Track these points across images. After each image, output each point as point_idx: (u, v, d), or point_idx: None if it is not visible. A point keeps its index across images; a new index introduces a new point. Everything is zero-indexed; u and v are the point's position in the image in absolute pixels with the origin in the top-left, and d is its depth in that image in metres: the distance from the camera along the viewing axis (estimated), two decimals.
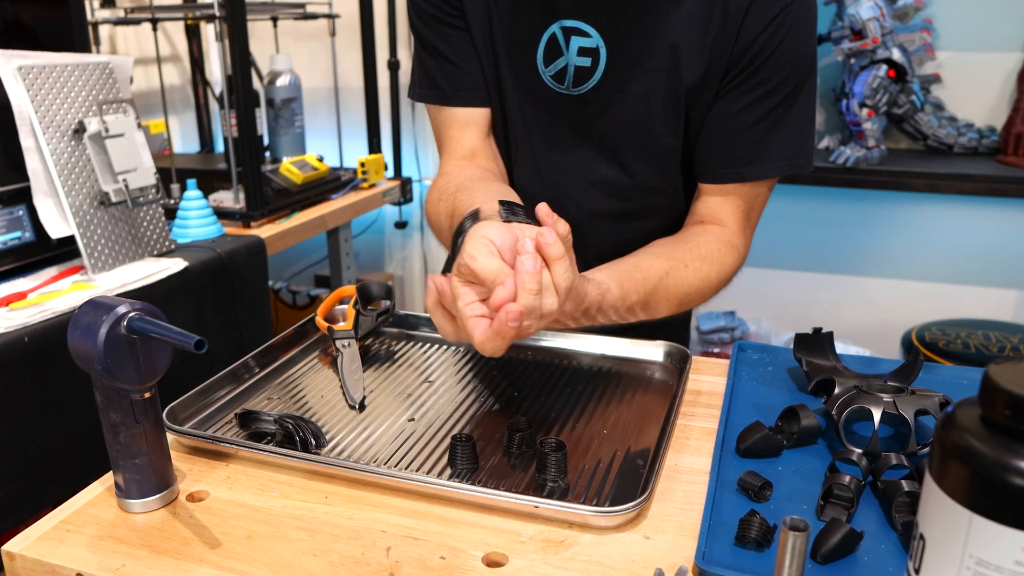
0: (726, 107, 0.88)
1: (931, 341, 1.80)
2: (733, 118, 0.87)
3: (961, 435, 0.41)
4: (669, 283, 0.82)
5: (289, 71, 1.91)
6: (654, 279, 0.80)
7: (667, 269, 0.82)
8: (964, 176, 1.75)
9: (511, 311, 0.59)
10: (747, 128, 0.87)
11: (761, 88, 0.86)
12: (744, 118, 0.87)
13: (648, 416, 0.77)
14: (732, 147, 0.89)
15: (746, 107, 0.87)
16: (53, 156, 1.16)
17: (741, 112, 0.87)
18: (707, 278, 0.86)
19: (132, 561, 0.57)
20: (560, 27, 0.88)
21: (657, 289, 0.80)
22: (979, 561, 0.40)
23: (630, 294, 0.76)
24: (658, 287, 0.80)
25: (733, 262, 0.89)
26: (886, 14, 1.79)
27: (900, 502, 0.58)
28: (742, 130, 0.88)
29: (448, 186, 0.86)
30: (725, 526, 0.58)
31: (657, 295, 0.81)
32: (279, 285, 2.35)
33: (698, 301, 0.87)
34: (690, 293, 0.85)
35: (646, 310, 0.80)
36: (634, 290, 0.77)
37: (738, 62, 0.85)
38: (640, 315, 0.80)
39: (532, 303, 0.61)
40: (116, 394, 0.60)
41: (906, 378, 0.76)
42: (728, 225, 0.92)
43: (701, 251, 0.87)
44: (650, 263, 0.82)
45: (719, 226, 0.91)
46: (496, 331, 0.61)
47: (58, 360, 1.05)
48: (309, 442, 0.70)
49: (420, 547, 0.58)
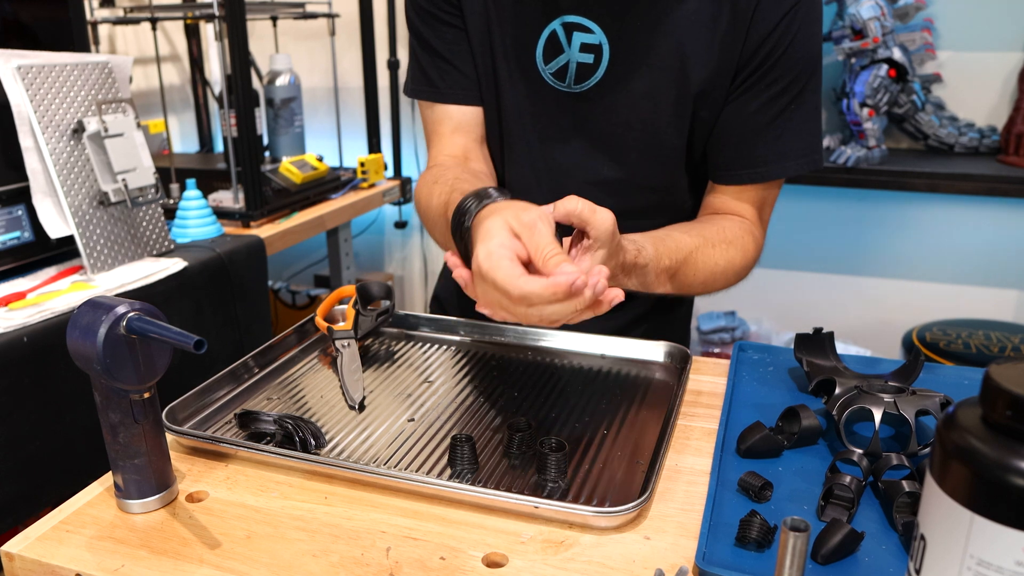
0: (742, 108, 0.88)
1: (932, 341, 1.80)
2: (750, 119, 0.88)
3: (962, 435, 0.41)
4: (698, 258, 0.83)
5: (288, 71, 1.91)
6: (685, 250, 0.82)
7: (697, 244, 0.83)
8: (965, 176, 1.75)
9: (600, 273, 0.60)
10: (764, 127, 0.88)
11: (775, 87, 0.86)
12: (760, 118, 0.87)
13: (648, 416, 0.76)
14: (750, 147, 0.89)
15: (762, 106, 0.87)
16: (52, 156, 1.16)
17: (757, 112, 0.87)
18: (732, 261, 0.87)
19: (131, 562, 0.56)
20: (561, 23, 0.88)
21: (687, 261, 0.82)
22: (980, 562, 0.40)
23: (663, 257, 0.78)
24: (688, 259, 0.82)
25: (754, 251, 0.91)
26: (887, 13, 1.79)
27: (901, 502, 0.58)
28: (759, 129, 0.88)
29: (445, 173, 0.86)
30: (726, 526, 0.58)
31: (687, 267, 0.82)
32: (279, 285, 2.35)
33: (722, 283, 0.88)
34: (715, 273, 0.86)
35: (674, 280, 0.81)
36: (667, 255, 0.79)
37: (750, 61, 0.85)
38: (668, 285, 0.81)
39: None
40: (115, 394, 0.60)
41: (907, 378, 0.76)
42: (747, 217, 0.92)
43: (726, 234, 0.88)
44: (680, 236, 0.83)
45: (737, 216, 0.92)
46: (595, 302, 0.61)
47: (57, 360, 1.05)
48: (309, 442, 0.70)
49: (420, 548, 0.58)
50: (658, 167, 0.93)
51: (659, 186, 0.94)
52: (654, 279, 0.78)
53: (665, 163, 0.92)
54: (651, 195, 0.95)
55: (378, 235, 2.51)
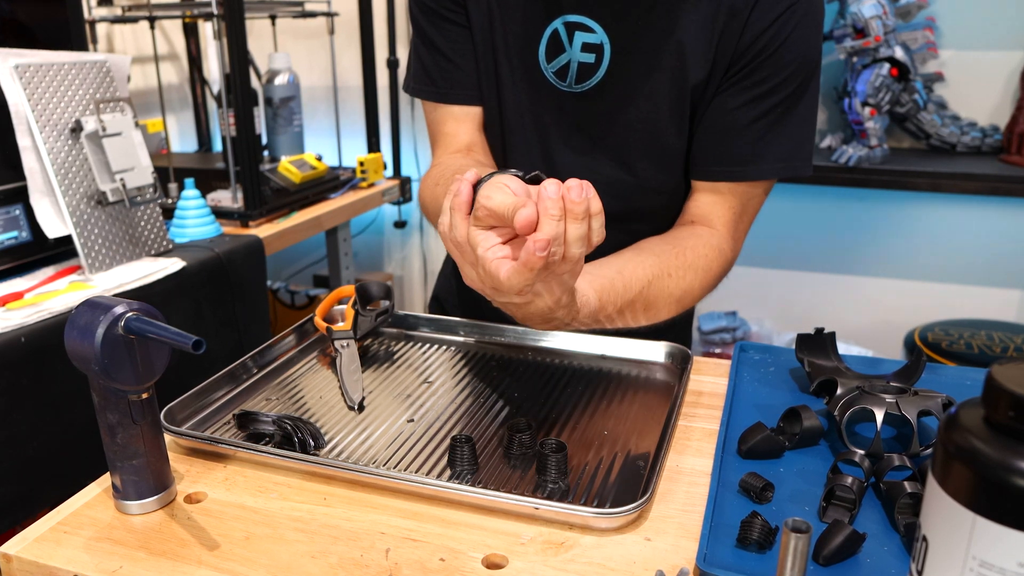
0: (724, 103, 0.87)
1: (934, 341, 1.80)
2: (729, 115, 0.87)
3: (964, 436, 0.40)
4: (649, 293, 0.81)
5: (287, 69, 1.91)
6: (635, 289, 0.80)
7: (650, 279, 0.81)
8: (967, 175, 1.75)
9: (538, 240, 0.57)
10: (744, 126, 0.86)
11: (761, 86, 0.85)
12: (741, 116, 0.86)
13: (649, 417, 0.76)
14: (727, 144, 0.88)
15: (744, 104, 0.86)
16: (50, 155, 1.15)
17: (739, 109, 0.86)
18: (689, 288, 0.85)
19: (130, 563, 0.56)
20: (563, 22, 0.87)
21: (636, 300, 0.80)
22: (982, 563, 0.39)
23: (607, 305, 0.76)
24: (637, 298, 0.80)
25: (719, 268, 0.89)
26: (888, 12, 1.79)
27: (903, 504, 0.58)
28: (738, 128, 0.87)
29: (446, 172, 0.86)
30: (726, 527, 0.58)
31: (635, 305, 0.80)
32: (277, 285, 2.34)
33: (674, 311, 0.86)
34: (669, 303, 0.84)
35: (620, 318, 0.80)
36: (612, 301, 0.77)
37: (741, 58, 0.84)
38: (613, 323, 0.80)
39: (556, 230, 0.58)
40: (113, 395, 0.60)
41: (909, 379, 0.76)
42: (717, 227, 0.90)
43: (687, 258, 0.85)
44: (633, 271, 0.81)
45: (708, 228, 0.90)
46: (523, 263, 0.58)
47: (55, 361, 1.05)
48: (308, 443, 0.69)
49: (419, 549, 0.57)
50: (659, 168, 0.92)
51: (661, 188, 0.94)
52: (597, 322, 0.77)
53: (667, 164, 0.92)
54: (654, 197, 0.94)
55: (377, 235, 2.50)
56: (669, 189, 0.94)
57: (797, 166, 0.88)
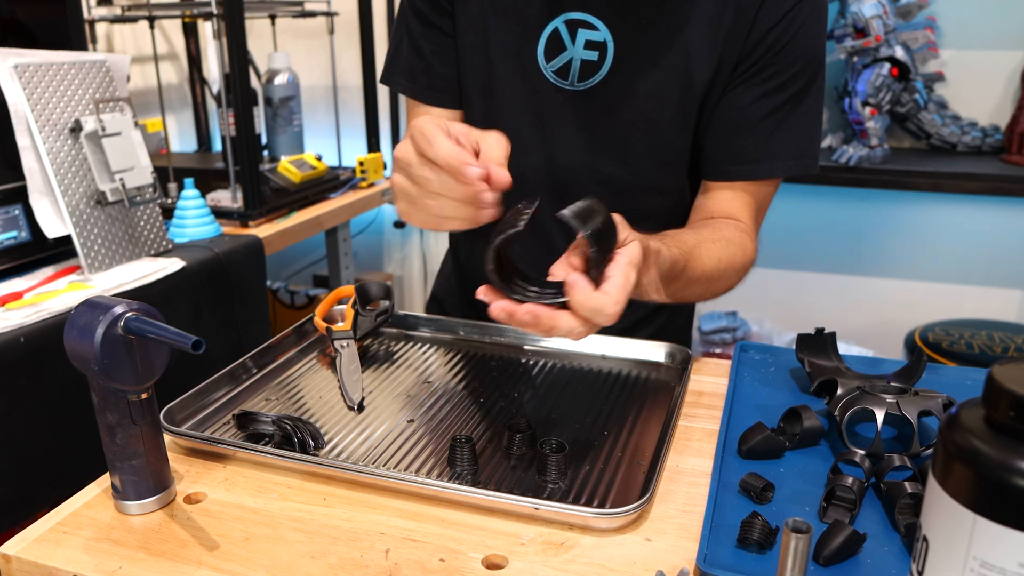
0: (734, 101, 0.87)
1: (934, 341, 1.80)
2: (741, 113, 0.87)
3: (965, 436, 0.40)
4: (702, 252, 0.79)
5: (287, 69, 1.90)
6: (689, 244, 0.78)
7: (698, 240, 0.80)
8: (968, 175, 1.75)
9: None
10: (755, 124, 0.87)
11: (771, 83, 0.85)
12: (752, 113, 0.86)
13: (649, 417, 0.76)
14: (740, 143, 0.88)
15: (755, 101, 0.86)
16: (49, 155, 1.15)
17: (750, 107, 0.86)
18: (733, 257, 0.84)
19: (129, 563, 0.56)
20: (565, 20, 0.87)
21: (692, 255, 0.77)
22: (983, 563, 0.39)
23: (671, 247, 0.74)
24: (693, 252, 0.77)
25: (752, 251, 0.89)
26: (889, 12, 1.79)
27: (903, 504, 0.58)
28: (750, 126, 0.87)
29: None
30: (727, 528, 0.58)
31: (693, 261, 0.77)
32: (277, 285, 2.34)
33: (724, 283, 0.85)
34: (719, 269, 0.82)
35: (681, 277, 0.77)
36: (675, 245, 0.74)
37: (749, 56, 0.85)
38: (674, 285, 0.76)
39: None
40: (113, 395, 0.59)
41: (909, 379, 0.76)
42: (743, 220, 0.91)
43: (724, 233, 0.85)
44: (679, 233, 0.80)
45: (735, 221, 0.91)
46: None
47: (54, 361, 1.04)
48: (307, 443, 0.69)
49: (419, 549, 0.57)
50: (663, 168, 0.92)
51: (664, 188, 0.94)
52: (668, 269, 0.74)
53: (670, 164, 0.92)
54: (657, 197, 0.94)
55: (377, 235, 2.50)
56: (671, 189, 0.94)
57: (807, 163, 0.88)
